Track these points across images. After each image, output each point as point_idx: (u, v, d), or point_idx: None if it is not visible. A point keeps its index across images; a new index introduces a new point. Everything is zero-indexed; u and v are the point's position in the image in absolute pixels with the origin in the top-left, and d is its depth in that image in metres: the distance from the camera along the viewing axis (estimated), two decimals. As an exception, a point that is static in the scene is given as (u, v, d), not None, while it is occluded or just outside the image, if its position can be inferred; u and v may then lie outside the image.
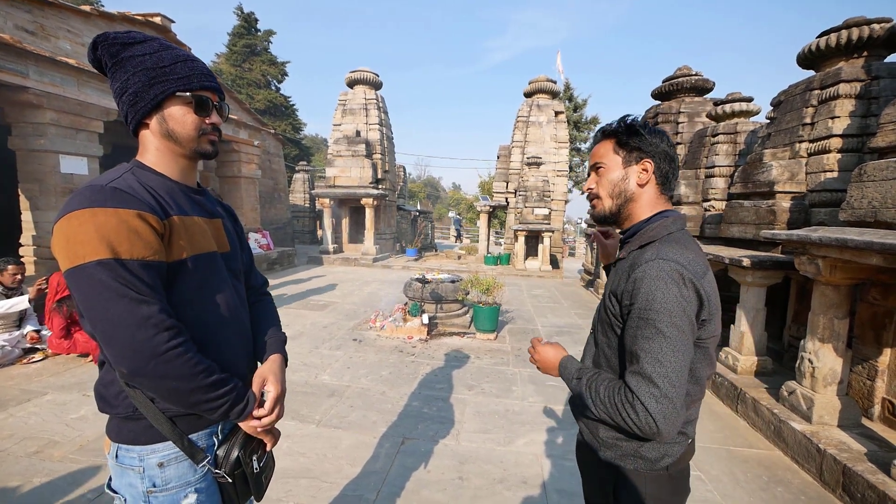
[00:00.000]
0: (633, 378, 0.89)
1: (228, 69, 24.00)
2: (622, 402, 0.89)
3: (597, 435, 1.08)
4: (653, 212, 1.06)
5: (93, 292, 0.77)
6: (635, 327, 0.91)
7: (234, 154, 9.79)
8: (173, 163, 0.96)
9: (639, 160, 1.05)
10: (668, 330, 0.87)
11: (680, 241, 0.98)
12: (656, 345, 0.87)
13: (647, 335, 0.88)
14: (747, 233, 4.19)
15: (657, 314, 0.88)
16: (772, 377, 3.58)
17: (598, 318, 1.13)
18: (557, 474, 2.51)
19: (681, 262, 0.91)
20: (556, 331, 5.74)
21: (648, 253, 0.95)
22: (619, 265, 1.07)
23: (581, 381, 1.02)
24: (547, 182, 11.39)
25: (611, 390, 0.93)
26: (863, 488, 2.22)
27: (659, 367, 0.86)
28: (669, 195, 1.08)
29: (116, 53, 0.89)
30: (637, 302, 0.91)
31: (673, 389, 0.85)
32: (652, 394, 0.85)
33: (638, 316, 0.91)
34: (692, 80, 7.49)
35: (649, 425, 0.85)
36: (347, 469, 2.47)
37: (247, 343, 1.07)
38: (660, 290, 0.88)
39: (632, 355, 0.91)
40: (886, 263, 2.30)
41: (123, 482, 0.91)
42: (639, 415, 0.86)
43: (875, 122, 3.50)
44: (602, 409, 0.94)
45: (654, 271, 0.90)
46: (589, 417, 1.07)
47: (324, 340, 4.86)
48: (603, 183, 1.09)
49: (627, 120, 1.08)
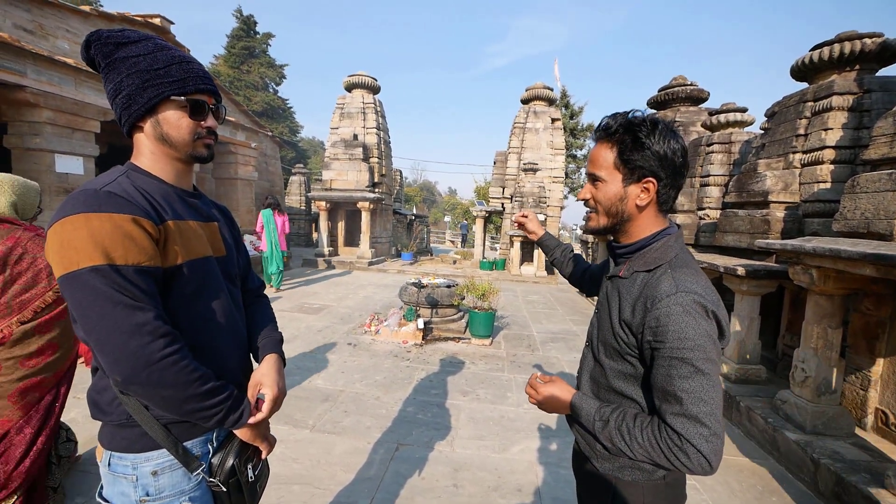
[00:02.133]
0: (677, 420, 0.85)
1: (227, 71, 24.00)
2: (669, 447, 0.85)
3: (593, 446, 1.07)
4: (652, 230, 1.01)
5: (87, 299, 0.76)
6: (668, 366, 0.87)
7: (230, 156, 9.77)
8: (168, 166, 0.94)
9: (641, 178, 0.96)
10: (704, 366, 0.85)
11: (688, 264, 0.95)
12: (697, 384, 0.84)
13: (685, 374, 0.85)
14: (742, 242, 4.23)
15: (692, 352, 0.85)
16: (766, 386, 3.59)
17: (600, 339, 1.08)
18: (552, 482, 2.50)
19: (700, 292, 0.89)
20: (552, 337, 5.74)
21: (665, 284, 0.90)
22: (622, 284, 1.02)
23: (608, 425, 0.95)
24: (543, 188, 11.44)
25: (651, 434, 0.89)
26: (857, 499, 2.23)
27: (703, 405, 0.84)
28: (667, 209, 1.04)
29: (110, 53, 0.87)
30: (668, 341, 0.87)
31: (719, 425, 0.84)
32: (702, 434, 0.83)
33: (670, 356, 0.87)
34: (687, 89, 7.58)
35: (702, 466, 0.83)
36: (341, 475, 2.45)
37: (243, 349, 1.06)
38: (690, 328, 0.85)
39: (669, 395, 0.87)
40: (879, 274, 2.33)
41: (115, 491, 0.90)
42: (691, 458, 0.83)
43: (867, 134, 3.55)
44: (642, 453, 0.90)
45: (680, 308, 0.87)
46: (589, 434, 1.04)
47: (318, 344, 4.83)
48: (599, 198, 1.02)
49: (633, 124, 0.95)
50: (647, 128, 0.94)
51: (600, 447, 1.04)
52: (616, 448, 0.95)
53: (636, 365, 0.99)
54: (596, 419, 0.98)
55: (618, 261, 1.08)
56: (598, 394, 1.09)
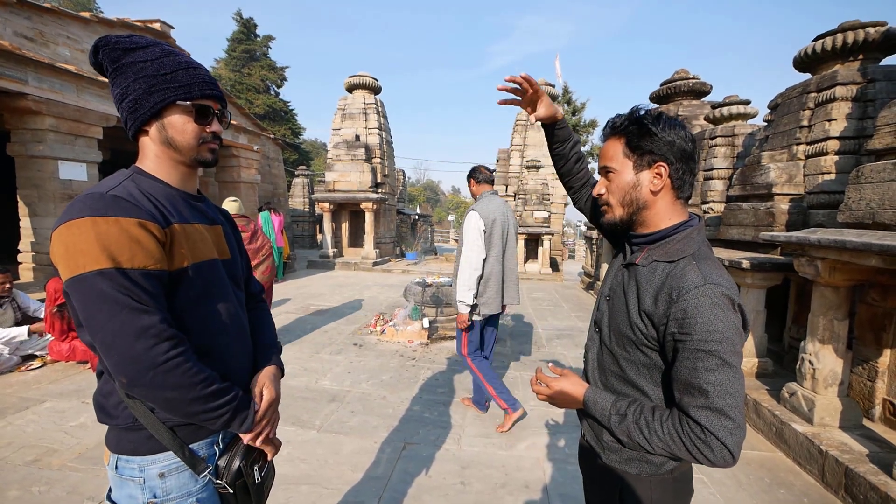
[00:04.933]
0: (702, 413, 0.84)
1: (228, 74, 24.08)
2: (693, 441, 0.85)
3: (601, 438, 1.06)
4: (672, 221, 0.99)
5: (93, 302, 0.76)
6: (694, 359, 0.86)
7: (233, 159, 9.80)
8: (173, 170, 0.95)
9: (651, 164, 0.96)
10: (731, 359, 0.84)
11: (710, 257, 0.94)
12: (724, 376, 0.84)
13: (711, 367, 0.84)
14: (746, 235, 4.20)
15: (720, 344, 0.84)
16: (773, 379, 3.57)
17: (612, 327, 1.05)
18: (560, 478, 2.50)
19: (725, 285, 0.88)
20: (557, 334, 5.73)
21: (691, 275, 0.89)
22: (640, 273, 0.99)
23: (626, 419, 0.94)
24: (546, 185, 11.41)
25: (671, 427, 0.88)
26: (865, 490, 2.22)
27: (729, 398, 0.83)
28: (686, 198, 1.00)
29: (118, 59, 0.88)
30: (695, 333, 0.85)
31: (742, 417, 0.84)
32: (727, 427, 0.82)
33: (697, 348, 0.85)
34: (690, 83, 7.54)
35: (724, 458, 0.83)
36: (349, 475, 2.46)
37: (248, 351, 1.06)
38: (719, 320, 0.84)
39: (693, 388, 0.86)
40: (885, 265, 2.31)
41: (123, 493, 0.91)
42: (714, 451, 0.83)
43: (871, 124, 3.52)
44: (662, 447, 0.89)
45: (709, 300, 0.85)
46: (603, 427, 1.01)
47: (324, 345, 4.85)
48: (613, 189, 1.01)
49: (638, 115, 0.97)
50: (651, 117, 0.96)
51: (608, 438, 1.04)
52: (633, 443, 0.94)
53: (652, 357, 0.97)
54: (612, 413, 0.97)
55: (633, 249, 1.05)
56: (607, 382, 1.08)
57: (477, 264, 2.95)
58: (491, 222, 2.99)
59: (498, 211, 3.05)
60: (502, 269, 3.11)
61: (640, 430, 0.91)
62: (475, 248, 2.95)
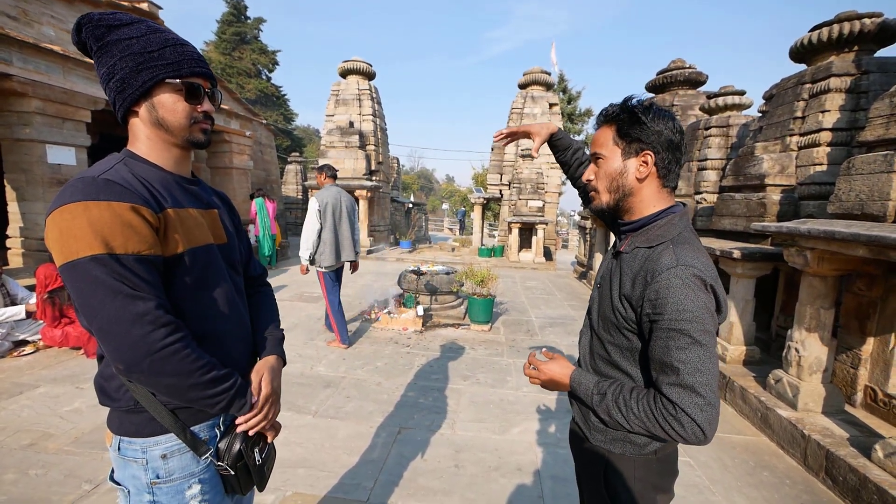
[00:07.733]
0: (673, 390, 0.87)
1: (218, 57, 23.55)
2: (664, 417, 0.88)
3: (588, 419, 1.10)
4: (656, 208, 1.02)
5: (87, 288, 0.76)
6: (666, 338, 0.89)
7: (225, 144, 9.64)
8: (166, 152, 0.93)
9: (639, 152, 0.99)
10: (702, 338, 0.87)
11: (690, 241, 0.96)
12: (693, 354, 0.86)
13: (682, 345, 0.87)
14: (738, 225, 4.25)
15: (690, 323, 0.86)
16: (759, 366, 3.66)
17: (600, 313, 1.10)
18: (551, 461, 2.57)
19: (699, 266, 0.90)
20: (550, 322, 5.80)
21: (666, 258, 0.92)
22: (623, 260, 1.03)
23: (606, 398, 0.98)
24: (541, 174, 11.40)
25: (647, 404, 0.91)
26: (844, 472, 2.30)
27: (700, 376, 0.86)
28: (672, 187, 1.03)
29: (102, 36, 0.85)
30: (666, 313, 0.88)
31: (714, 395, 0.86)
32: (697, 404, 0.85)
33: (668, 327, 0.88)
34: (686, 72, 7.52)
35: (696, 434, 0.86)
36: (345, 458, 2.50)
37: (246, 335, 1.06)
38: (689, 300, 0.87)
39: (666, 366, 0.89)
40: (872, 255, 2.36)
41: (126, 474, 0.92)
42: (685, 427, 0.86)
43: (864, 116, 3.55)
44: (638, 424, 0.92)
45: (680, 280, 0.88)
46: (589, 408, 1.06)
47: (319, 332, 4.87)
48: (601, 175, 1.05)
49: (630, 104, 1.01)
50: (642, 107, 1.00)
51: (594, 419, 1.07)
52: (613, 421, 0.98)
53: (632, 339, 1.01)
54: (594, 393, 1.01)
55: (621, 238, 1.09)
56: (595, 366, 1.12)
57: (311, 232, 4.17)
58: (325, 204, 4.16)
59: (331, 196, 4.22)
60: (335, 236, 4.23)
61: (619, 409, 0.95)
62: (310, 221, 4.17)
